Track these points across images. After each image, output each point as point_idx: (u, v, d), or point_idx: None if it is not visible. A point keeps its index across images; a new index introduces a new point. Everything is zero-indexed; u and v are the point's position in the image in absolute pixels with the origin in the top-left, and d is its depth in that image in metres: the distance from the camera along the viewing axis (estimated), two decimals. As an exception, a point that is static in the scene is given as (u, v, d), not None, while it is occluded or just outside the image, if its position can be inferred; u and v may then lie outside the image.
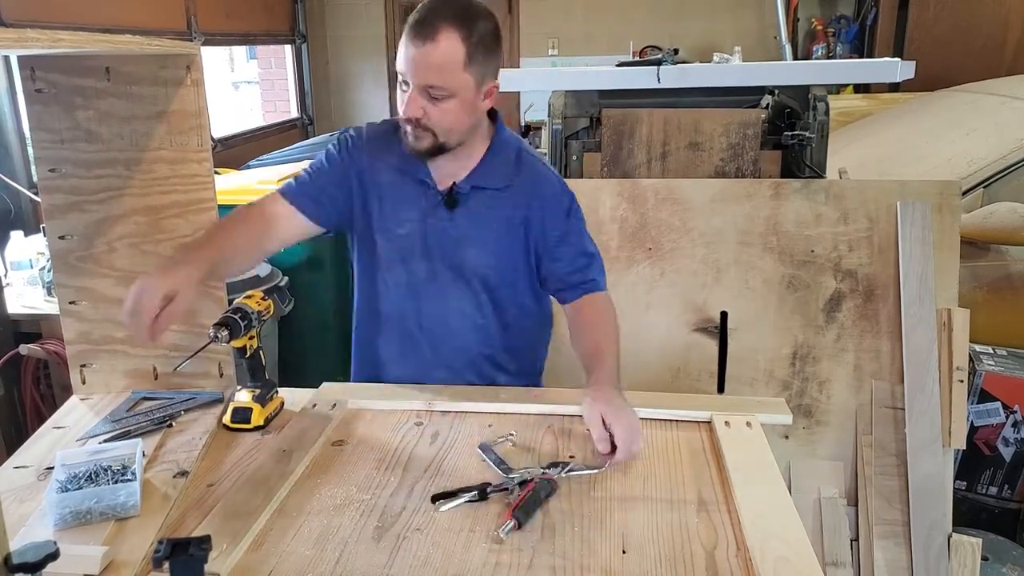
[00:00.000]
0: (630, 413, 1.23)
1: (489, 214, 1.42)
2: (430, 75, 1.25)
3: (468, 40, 1.24)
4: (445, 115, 1.29)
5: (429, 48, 1.22)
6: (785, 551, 0.98)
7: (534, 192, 1.43)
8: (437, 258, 1.44)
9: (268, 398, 1.39)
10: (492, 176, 1.42)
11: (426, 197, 1.42)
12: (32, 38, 0.89)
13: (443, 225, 1.42)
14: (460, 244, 1.42)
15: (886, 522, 1.90)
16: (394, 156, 1.42)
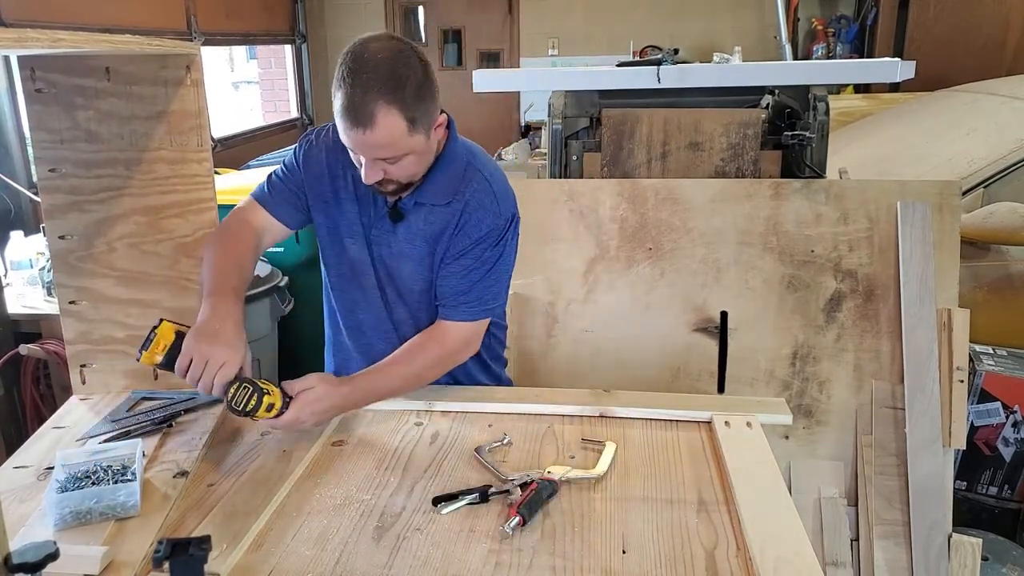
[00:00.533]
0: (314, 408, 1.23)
1: (426, 230, 1.39)
2: (379, 151, 1.22)
3: (405, 109, 1.18)
4: (405, 169, 1.28)
5: (369, 133, 1.18)
6: (785, 551, 0.98)
7: (463, 210, 1.37)
8: (381, 272, 1.45)
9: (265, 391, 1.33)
10: (435, 192, 1.37)
11: (375, 207, 1.41)
12: (32, 38, 0.89)
13: (386, 238, 1.41)
14: (398, 258, 1.42)
15: (886, 522, 1.90)
16: (351, 168, 1.38)
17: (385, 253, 1.42)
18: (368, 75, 1.17)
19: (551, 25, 5.50)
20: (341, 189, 1.42)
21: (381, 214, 1.41)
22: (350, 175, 1.40)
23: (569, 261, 2.11)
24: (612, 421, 1.35)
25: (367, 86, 1.16)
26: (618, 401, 1.40)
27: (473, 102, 5.57)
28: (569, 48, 5.51)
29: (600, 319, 2.10)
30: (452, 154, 1.38)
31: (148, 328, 1.20)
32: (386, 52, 1.19)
